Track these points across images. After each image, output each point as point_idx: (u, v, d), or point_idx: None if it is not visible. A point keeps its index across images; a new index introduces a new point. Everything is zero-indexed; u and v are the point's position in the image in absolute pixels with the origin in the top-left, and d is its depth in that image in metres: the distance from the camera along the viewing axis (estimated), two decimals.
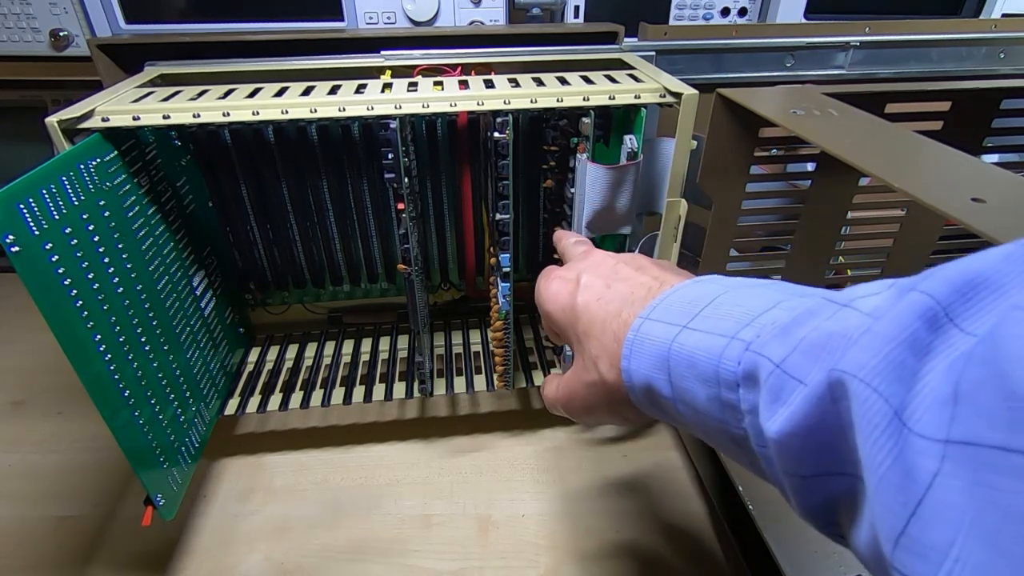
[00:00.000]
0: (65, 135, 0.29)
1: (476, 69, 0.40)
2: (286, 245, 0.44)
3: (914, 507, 0.11)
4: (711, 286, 0.20)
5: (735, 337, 0.17)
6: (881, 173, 0.25)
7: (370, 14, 0.53)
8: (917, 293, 0.13)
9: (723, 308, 0.19)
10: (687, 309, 0.20)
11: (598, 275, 0.25)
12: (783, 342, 0.16)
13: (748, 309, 0.18)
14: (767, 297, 0.18)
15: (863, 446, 0.13)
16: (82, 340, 0.27)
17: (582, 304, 0.24)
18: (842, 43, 0.52)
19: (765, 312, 0.17)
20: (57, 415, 0.46)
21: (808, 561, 0.29)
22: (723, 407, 0.17)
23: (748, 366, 0.16)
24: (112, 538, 0.37)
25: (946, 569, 0.10)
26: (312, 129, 0.39)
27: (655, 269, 0.24)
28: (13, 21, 0.51)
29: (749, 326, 0.17)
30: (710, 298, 0.19)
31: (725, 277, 0.21)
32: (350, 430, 0.45)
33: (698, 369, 0.18)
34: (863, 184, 0.44)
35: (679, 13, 0.62)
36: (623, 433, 0.44)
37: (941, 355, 0.12)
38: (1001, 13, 0.64)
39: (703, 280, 0.21)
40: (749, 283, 0.20)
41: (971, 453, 0.11)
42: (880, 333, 0.13)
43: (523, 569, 0.35)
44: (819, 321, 0.15)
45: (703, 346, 0.18)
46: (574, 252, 0.29)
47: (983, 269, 0.12)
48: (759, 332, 0.17)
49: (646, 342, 0.20)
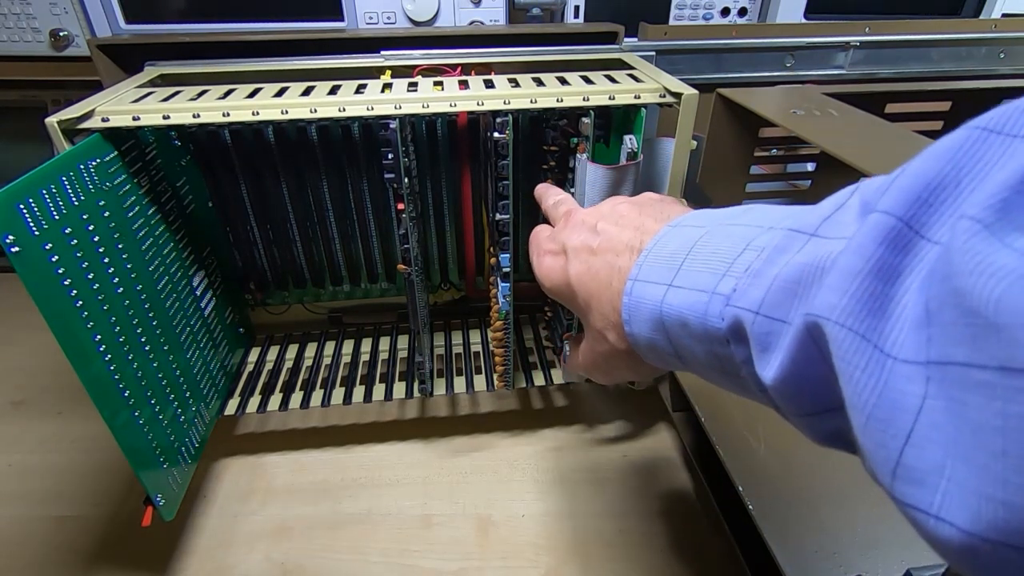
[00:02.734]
0: (65, 135, 0.29)
1: (476, 69, 0.40)
2: (286, 245, 0.44)
3: (906, 436, 0.11)
4: (689, 231, 0.20)
5: (714, 292, 0.17)
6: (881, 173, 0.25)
7: (370, 14, 0.53)
8: (877, 214, 0.13)
9: (700, 257, 0.18)
10: (670, 263, 0.19)
11: (582, 240, 0.24)
12: (758, 288, 0.16)
13: (722, 256, 0.18)
14: (740, 237, 0.18)
15: (846, 388, 0.12)
16: (82, 340, 0.27)
17: (574, 278, 0.23)
18: (842, 43, 0.52)
19: (738, 257, 0.17)
20: (57, 415, 0.46)
21: (808, 561, 0.29)
22: (721, 360, 0.17)
23: (731, 321, 0.16)
24: (112, 538, 0.37)
25: (941, 490, 0.10)
26: (312, 129, 0.39)
27: (635, 215, 0.23)
28: (13, 21, 0.51)
29: (726, 276, 0.17)
30: (688, 246, 0.19)
31: (702, 213, 0.21)
32: (350, 430, 0.45)
33: (690, 328, 0.18)
34: None
35: (679, 13, 0.62)
36: (623, 433, 0.44)
37: (913, 272, 0.12)
38: (1001, 13, 0.63)
39: (681, 223, 0.21)
40: (724, 218, 0.19)
41: (946, 372, 0.10)
42: (845, 268, 0.13)
43: (523, 569, 0.35)
44: (789, 256, 0.15)
45: (688, 304, 0.18)
46: (556, 215, 0.28)
47: (941, 168, 0.12)
48: (735, 283, 0.16)
49: (640, 305, 0.20)
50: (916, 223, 0.12)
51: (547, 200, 0.31)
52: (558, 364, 0.45)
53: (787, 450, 0.33)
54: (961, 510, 0.10)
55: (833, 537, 0.30)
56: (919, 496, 0.11)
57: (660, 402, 0.45)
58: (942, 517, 0.10)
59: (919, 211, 0.12)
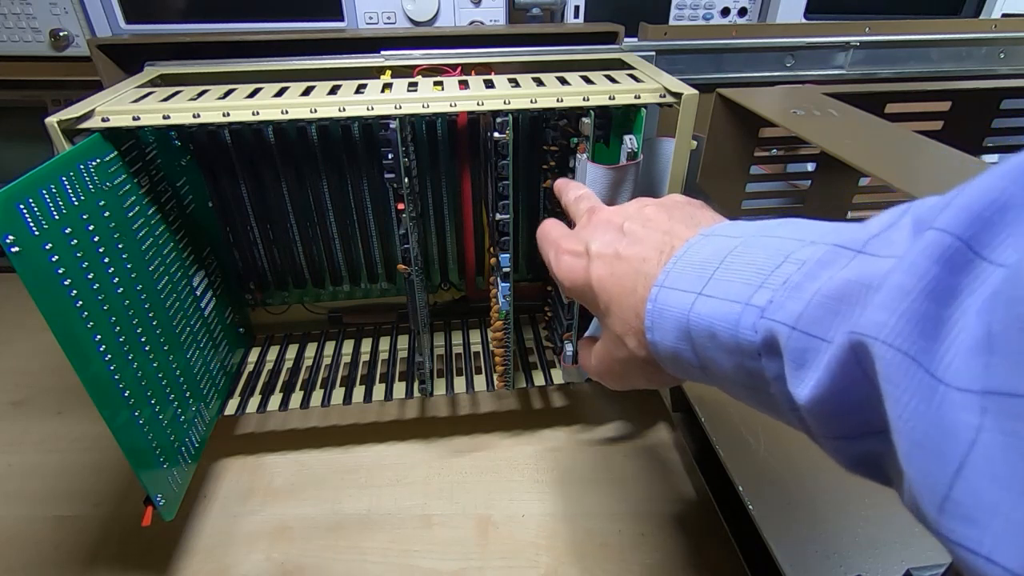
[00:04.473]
0: (65, 135, 0.29)
1: (476, 69, 0.40)
2: (286, 245, 0.44)
3: (956, 468, 0.10)
4: (722, 240, 0.19)
5: (748, 303, 0.16)
6: (881, 173, 0.25)
7: (370, 14, 0.53)
8: (934, 232, 0.12)
9: (734, 267, 0.18)
10: (700, 272, 0.18)
11: (607, 242, 0.23)
12: (797, 300, 0.15)
13: (759, 267, 0.17)
14: (777, 249, 0.17)
15: (892, 411, 0.12)
16: (82, 340, 0.27)
17: (596, 281, 0.23)
18: (842, 43, 0.52)
19: (776, 269, 0.16)
20: (57, 415, 0.46)
21: (808, 561, 0.29)
22: (750, 375, 0.17)
23: (765, 334, 0.15)
24: (112, 538, 0.37)
25: (993, 530, 0.10)
26: (312, 129, 0.39)
27: (663, 219, 0.23)
28: (13, 21, 0.50)
29: (761, 288, 0.16)
30: (721, 256, 0.18)
31: (736, 224, 0.20)
32: (350, 430, 0.45)
33: (718, 339, 0.17)
34: (863, 184, 0.44)
35: (679, 13, 0.62)
36: (623, 433, 0.44)
37: (972, 294, 0.11)
38: (1001, 13, 0.63)
39: (714, 232, 0.20)
40: (759, 230, 0.18)
41: (1006, 404, 0.10)
42: (897, 286, 0.12)
43: (523, 569, 0.35)
44: (833, 271, 0.14)
45: (719, 314, 0.17)
46: (578, 211, 0.28)
47: (1006, 188, 0.11)
48: (772, 295, 0.16)
49: (665, 313, 0.19)
50: (976, 243, 0.11)
51: (568, 194, 0.30)
52: (558, 364, 0.45)
53: (787, 450, 0.33)
54: (1015, 552, 0.09)
55: (833, 537, 0.30)
56: (968, 534, 0.10)
57: (660, 402, 0.45)
58: (994, 559, 0.10)
59: (980, 230, 0.11)
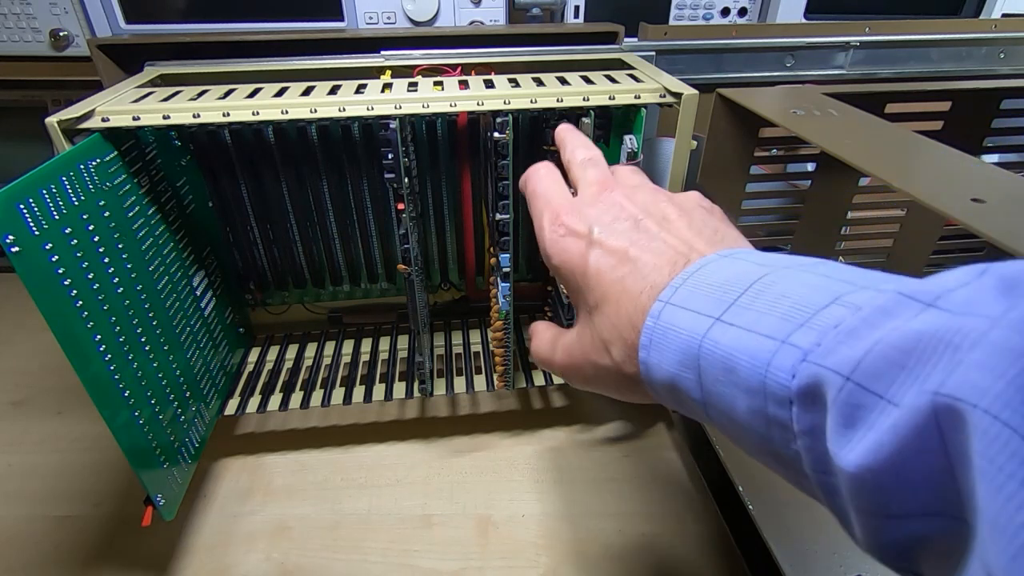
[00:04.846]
0: (65, 135, 0.29)
1: (476, 69, 0.40)
2: (286, 245, 0.44)
3: None
4: (746, 265, 0.17)
5: (786, 341, 0.14)
6: (881, 173, 0.25)
7: (370, 14, 0.53)
8: None
9: (765, 298, 0.15)
10: (719, 295, 0.16)
11: (617, 233, 0.20)
12: (853, 348, 0.13)
13: (798, 303, 0.14)
14: (821, 288, 0.15)
15: (988, 498, 0.10)
16: (82, 340, 0.27)
17: (593, 271, 0.20)
18: (842, 43, 0.52)
19: (823, 309, 0.14)
20: (57, 415, 0.46)
21: (808, 561, 0.29)
22: (769, 423, 0.14)
23: (807, 381, 0.13)
24: (112, 538, 0.37)
25: None
26: (312, 129, 0.39)
27: (683, 225, 0.20)
28: (13, 21, 0.50)
29: (804, 327, 0.14)
30: (747, 282, 0.16)
31: (759, 253, 0.18)
32: (350, 430, 0.45)
33: (738, 376, 0.15)
34: (863, 184, 0.44)
35: (679, 13, 0.62)
36: (623, 433, 0.44)
37: None
38: (1001, 13, 0.64)
39: (736, 255, 0.18)
40: (792, 264, 0.16)
41: None
42: (999, 345, 0.10)
43: (523, 569, 0.35)
44: (898, 322, 0.12)
45: (744, 348, 0.15)
46: (584, 176, 0.24)
47: None
48: (819, 338, 0.13)
49: (669, 333, 0.17)
50: None
51: (575, 152, 0.26)
52: None
53: None
54: None
55: (833, 537, 0.30)
56: None
57: None
58: None
59: None
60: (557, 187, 0.24)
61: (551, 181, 0.24)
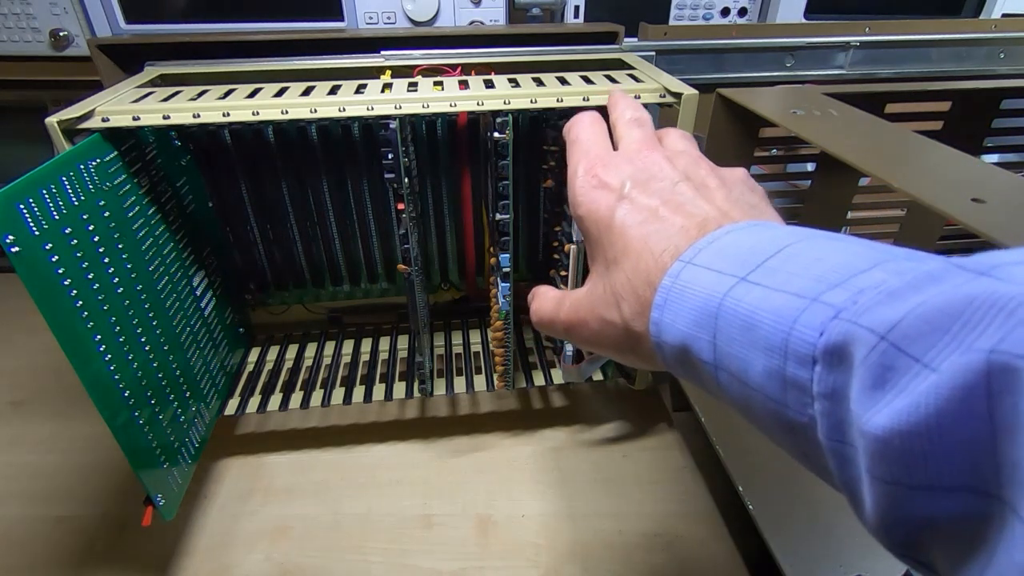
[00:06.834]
0: (65, 135, 0.29)
1: (476, 69, 0.40)
2: (286, 245, 0.44)
3: None
4: (775, 232, 0.16)
5: (817, 299, 0.13)
6: (881, 173, 0.25)
7: (370, 14, 0.53)
8: None
9: (797, 261, 0.15)
10: (745, 257, 0.16)
11: (650, 192, 0.20)
12: (892, 309, 0.12)
13: (834, 266, 0.14)
14: (860, 254, 0.14)
15: None
16: (82, 340, 0.27)
17: (619, 223, 0.20)
18: (842, 43, 0.52)
19: (861, 273, 0.13)
20: (57, 415, 0.46)
21: (808, 561, 0.29)
22: (785, 385, 0.14)
23: (836, 338, 0.13)
24: (112, 538, 0.37)
25: None
26: (312, 129, 0.39)
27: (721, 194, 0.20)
28: (13, 21, 0.50)
29: (839, 287, 0.13)
30: (776, 247, 0.15)
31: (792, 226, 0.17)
32: (350, 430, 0.45)
33: (757, 334, 0.14)
34: (863, 184, 0.44)
35: (679, 13, 0.62)
36: (623, 433, 0.44)
37: None
38: (1001, 13, 0.64)
39: (765, 224, 0.17)
40: (828, 235, 0.15)
41: None
42: None
43: (523, 569, 0.35)
44: (946, 287, 0.12)
45: (768, 306, 0.14)
46: (628, 134, 0.23)
47: None
48: (855, 296, 0.13)
49: (687, 293, 0.16)
50: None
51: (623, 111, 0.25)
52: (558, 364, 0.45)
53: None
54: None
55: (833, 537, 0.30)
56: None
57: (660, 402, 0.45)
58: None
59: None
60: (599, 138, 0.23)
61: (593, 132, 0.24)
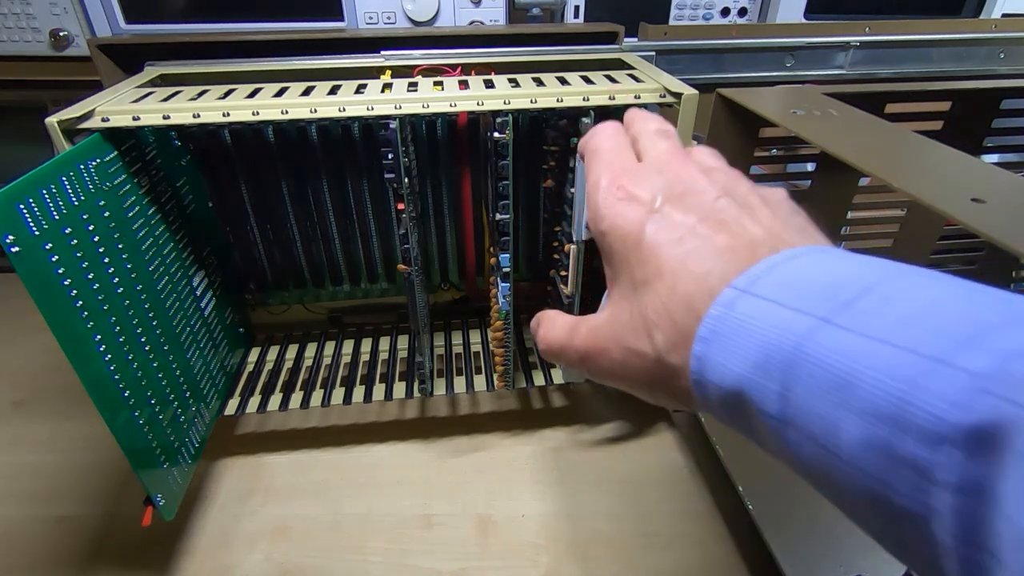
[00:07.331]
0: (65, 135, 0.29)
1: (476, 69, 0.40)
2: (286, 245, 0.44)
3: None
4: (851, 262, 0.14)
5: (944, 361, 0.11)
6: (881, 173, 0.25)
7: (370, 14, 0.53)
8: None
9: (900, 305, 0.12)
10: (822, 292, 0.13)
11: (686, 206, 0.17)
12: None
13: (955, 316, 0.11)
14: (981, 302, 0.12)
15: None
16: (82, 340, 0.27)
17: (650, 240, 0.17)
18: (842, 43, 0.52)
19: (996, 329, 0.11)
20: (57, 415, 0.46)
21: (808, 561, 0.29)
22: (891, 463, 0.11)
23: (984, 417, 0.10)
24: (112, 538, 0.37)
25: None
26: (312, 129, 0.39)
27: (766, 213, 0.17)
28: (13, 21, 0.50)
29: (975, 348, 0.11)
30: (862, 282, 0.13)
31: (863, 255, 0.15)
32: (350, 430, 0.45)
33: (855, 395, 0.12)
34: (863, 184, 0.44)
35: (679, 13, 0.62)
36: (623, 433, 0.44)
37: None
38: (1001, 13, 0.64)
39: (830, 251, 0.15)
40: (922, 271, 0.13)
41: None
42: None
43: (523, 569, 0.35)
44: None
45: (872, 361, 0.12)
46: (653, 145, 0.20)
47: None
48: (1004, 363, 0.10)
49: (745, 328, 0.14)
50: None
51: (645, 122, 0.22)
52: (558, 364, 0.45)
53: None
54: None
55: (833, 537, 0.30)
56: None
57: None
58: None
59: None
60: (623, 149, 0.21)
61: (616, 143, 0.21)
